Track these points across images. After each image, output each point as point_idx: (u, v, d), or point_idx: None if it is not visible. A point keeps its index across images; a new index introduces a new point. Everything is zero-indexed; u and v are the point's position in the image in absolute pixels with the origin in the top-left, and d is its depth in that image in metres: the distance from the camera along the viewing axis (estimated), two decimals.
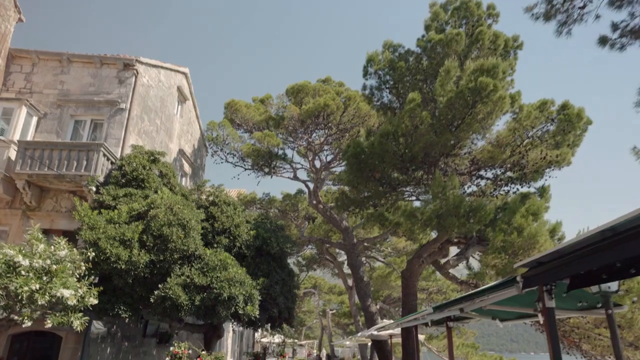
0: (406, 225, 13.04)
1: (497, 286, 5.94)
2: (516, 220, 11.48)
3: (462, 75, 12.95)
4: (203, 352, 8.33)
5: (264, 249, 12.42)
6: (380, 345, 21.56)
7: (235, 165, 20.85)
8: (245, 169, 21.16)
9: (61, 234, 11.84)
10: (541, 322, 14.29)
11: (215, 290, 10.14)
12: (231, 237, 12.21)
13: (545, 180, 13.76)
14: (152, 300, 10.13)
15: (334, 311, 61.59)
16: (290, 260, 43.93)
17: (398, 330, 18.88)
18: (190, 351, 7.95)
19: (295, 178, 24.59)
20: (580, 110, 12.10)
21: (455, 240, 17.05)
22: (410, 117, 12.59)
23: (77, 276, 9.26)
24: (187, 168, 19.96)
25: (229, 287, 10.12)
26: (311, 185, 24.23)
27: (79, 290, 8.85)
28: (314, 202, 23.71)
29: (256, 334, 40.68)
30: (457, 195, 12.16)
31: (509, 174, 13.85)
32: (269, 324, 16.56)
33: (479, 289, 6.26)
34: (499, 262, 12.21)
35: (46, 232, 11.71)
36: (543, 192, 13.25)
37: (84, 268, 9.21)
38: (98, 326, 12.90)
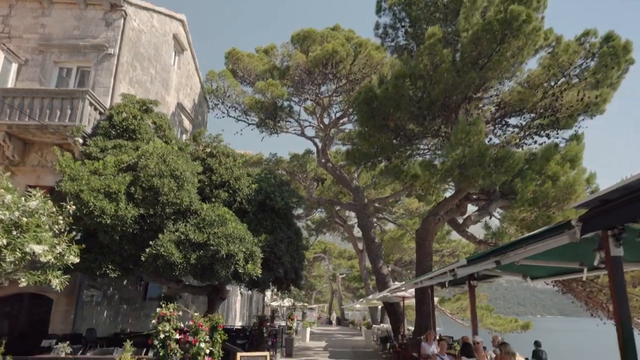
0: (424, 178, 11.80)
1: (545, 233, 4.74)
2: (550, 167, 10.18)
3: (489, 7, 11.39)
4: (196, 315, 7.31)
5: (267, 204, 11.30)
6: (392, 308, 20.74)
7: (238, 120, 19.59)
8: (249, 124, 19.90)
9: (48, 192, 10.79)
10: (584, 278, 13.22)
11: (212, 247, 9.09)
12: (231, 191, 11.09)
13: (576, 130, 12.35)
14: (142, 258, 9.12)
15: (344, 275, 61.43)
16: (300, 224, 43.24)
17: (411, 292, 17.97)
18: (180, 313, 6.93)
19: (303, 135, 23.32)
20: (627, 43, 10.54)
21: (475, 196, 15.82)
22: (429, 54, 11.13)
23: (57, 231, 8.21)
24: (187, 124, 18.73)
25: (227, 244, 9.06)
26: (319, 144, 22.96)
27: (57, 247, 7.80)
28: (323, 160, 22.49)
29: (266, 298, 40.35)
30: (482, 142, 10.84)
31: (538, 121, 12.44)
32: (275, 286, 15.70)
33: (521, 237, 5.08)
34: (528, 216, 11.00)
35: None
36: (577, 140, 11.86)
37: (62, 222, 8.14)
38: (92, 289, 12.06)
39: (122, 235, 9.19)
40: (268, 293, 40.55)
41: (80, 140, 11.42)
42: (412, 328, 22.96)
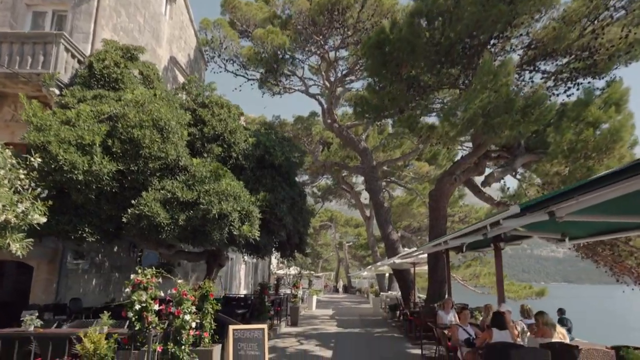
0: (442, 129, 10.47)
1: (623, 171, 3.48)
2: (591, 113, 8.80)
3: None
4: (180, 282, 6.20)
5: (266, 160, 10.07)
6: (401, 275, 19.76)
7: (236, 75, 18.16)
8: (248, 79, 18.45)
9: (25, 150, 9.61)
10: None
11: (202, 206, 7.92)
12: (225, 146, 9.85)
13: (612, 77, 10.86)
14: (124, 220, 7.99)
15: (351, 244, 60.83)
16: (307, 190, 42.21)
17: (423, 258, 16.91)
18: (160, 280, 5.82)
19: (307, 93, 21.87)
20: None
21: (495, 154, 14.51)
22: None
23: (20, 188, 7.05)
24: (181, 81, 17.34)
25: (219, 203, 7.89)
26: (325, 104, 21.53)
27: (19, 205, 6.65)
28: (329, 121, 21.11)
29: (272, 266, 39.75)
30: (510, 86, 9.45)
31: (572, 65, 10.95)
32: (279, 252, 14.69)
33: (594, 178, 3.82)
34: (561, 170, 9.72)
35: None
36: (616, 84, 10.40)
37: (23, 177, 6.96)
38: (77, 256, 11.04)
39: (99, 193, 8.03)
40: (274, 261, 39.95)
41: (56, 91, 10.14)
42: (423, 296, 22.09)
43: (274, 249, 14.64)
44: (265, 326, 6.51)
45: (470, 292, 23.12)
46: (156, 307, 5.55)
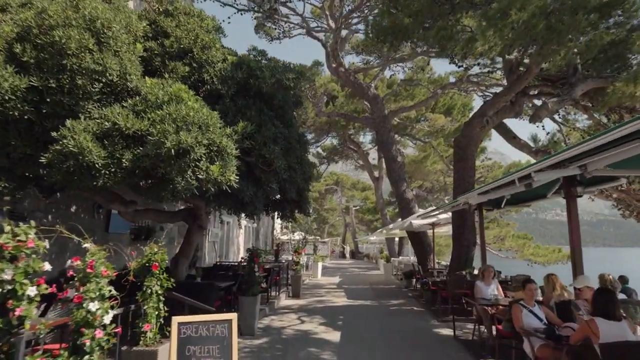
0: (484, 41, 7.78)
1: None
2: None
3: None
4: (88, 245, 3.77)
5: (251, 86, 7.51)
6: (417, 238, 17.46)
7: (224, 4, 15.32)
8: (238, 10, 15.63)
9: None
10: None
11: (153, 137, 5.46)
12: (194, 65, 7.30)
13: None
14: (44, 159, 5.56)
15: (357, 208, 58.66)
16: (311, 151, 39.72)
17: (445, 218, 14.55)
18: (46, 245, 3.43)
19: (310, 34, 19.05)
20: None
21: (533, 92, 11.87)
22: None
23: None
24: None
25: (176, 132, 5.43)
26: (329, 47, 18.71)
27: None
28: (334, 65, 18.36)
29: (275, 231, 37.73)
30: None
31: None
32: (276, 212, 12.37)
33: None
34: None
35: None
36: None
37: None
38: (12, 217, 8.68)
39: (3, 122, 5.57)
40: (277, 226, 37.87)
41: None
42: (443, 261, 19.81)
43: (268, 207, 12.30)
44: (233, 316, 4.13)
45: (494, 257, 20.83)
46: (33, 290, 3.14)
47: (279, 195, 9.84)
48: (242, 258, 18.02)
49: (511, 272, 13.80)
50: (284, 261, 18.13)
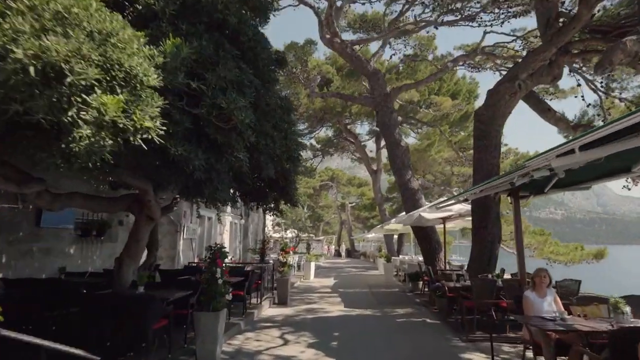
0: None
1: None
2: None
3: None
4: None
5: (201, 6, 5.11)
6: (424, 234, 15.10)
7: None
8: None
9: None
10: None
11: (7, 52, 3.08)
12: None
13: None
14: None
15: (353, 204, 56.32)
16: (305, 142, 37.28)
17: (459, 210, 12.24)
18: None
19: (301, 0, 16.65)
20: None
21: (579, 49, 9.53)
22: None
23: None
24: None
25: (37, 35, 3.05)
26: (322, 16, 16.33)
27: None
28: (328, 36, 15.96)
29: (266, 228, 35.30)
30: None
31: None
32: (253, 202, 10.09)
33: None
34: None
35: None
36: None
37: None
38: None
39: None
40: (269, 223, 35.44)
41: None
42: (456, 261, 17.40)
43: (245, 196, 10.03)
44: None
45: (508, 255, 18.47)
46: None
47: (265, 183, 7.48)
48: (198, 259, 15.70)
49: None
50: (272, 261, 15.77)
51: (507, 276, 10.19)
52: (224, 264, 6.71)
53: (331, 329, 8.84)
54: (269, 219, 35.24)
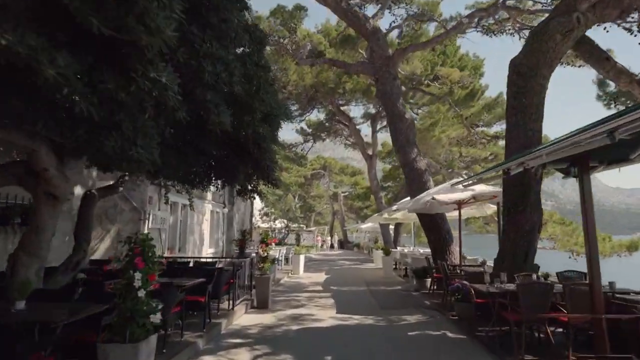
0: None
1: None
2: None
3: None
4: None
5: None
6: (432, 223, 12.78)
7: None
8: None
9: None
10: None
11: None
12: None
13: None
14: None
15: (346, 194, 53.95)
16: (292, 126, 34.59)
17: (481, 192, 9.93)
18: None
19: None
20: None
21: None
22: None
23: None
24: None
25: None
26: None
27: None
28: None
29: (254, 218, 32.84)
30: None
31: None
32: (220, 180, 7.78)
33: None
34: None
35: None
36: None
37: None
38: None
39: None
40: (257, 213, 32.95)
41: None
42: (472, 255, 15.09)
43: (210, 172, 7.69)
44: None
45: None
46: None
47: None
48: (169, 252, 13.40)
49: (553, 267, 9.28)
50: (250, 256, 13.38)
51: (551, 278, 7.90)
52: (153, 264, 4.27)
53: (322, 347, 6.48)
54: (257, 207, 32.82)
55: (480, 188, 9.78)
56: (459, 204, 11.00)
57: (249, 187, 8.87)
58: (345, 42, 18.01)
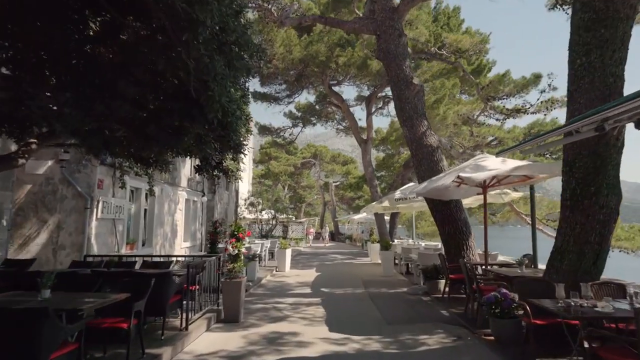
0: None
1: None
2: None
3: None
4: None
5: None
6: (446, 212, 10.43)
7: None
8: None
9: None
10: None
11: None
12: None
13: None
14: None
15: (338, 183, 51.55)
16: (279, 108, 32.06)
17: (515, 167, 7.49)
18: None
19: None
20: None
21: None
22: None
23: None
24: None
25: None
26: None
27: None
28: None
29: (239, 208, 30.33)
30: None
31: None
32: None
33: None
34: None
35: None
36: None
37: None
38: None
39: None
40: (242, 202, 30.38)
41: None
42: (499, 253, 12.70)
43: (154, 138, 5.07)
44: None
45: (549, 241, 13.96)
46: None
47: None
48: (129, 247, 11.05)
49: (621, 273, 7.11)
50: (224, 253, 10.92)
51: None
52: None
53: None
54: (242, 197, 30.30)
55: (512, 164, 7.41)
56: (484, 187, 8.62)
57: (212, 161, 6.45)
58: (339, 2, 15.48)
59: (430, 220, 39.36)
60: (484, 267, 8.72)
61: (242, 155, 6.35)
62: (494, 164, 7.41)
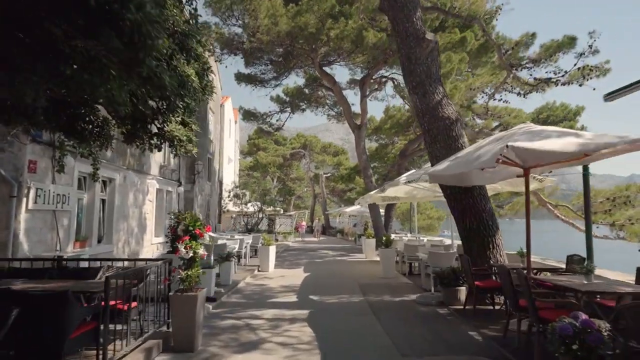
0: None
1: None
2: None
3: None
4: None
5: None
6: (468, 202, 8.29)
7: None
8: None
9: None
10: None
11: None
12: None
13: None
14: None
15: (329, 175, 49.36)
16: (265, 92, 29.68)
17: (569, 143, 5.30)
18: None
19: None
20: None
21: None
22: None
23: None
24: None
25: None
26: None
27: None
28: None
29: (223, 201, 28.06)
30: None
31: None
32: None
33: None
34: None
35: None
36: None
37: None
38: None
39: None
40: (226, 194, 28.05)
41: None
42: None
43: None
44: None
45: (570, 232, 11.90)
46: None
47: None
48: (79, 245, 8.63)
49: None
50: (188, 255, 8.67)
51: None
52: None
53: None
54: (226, 189, 28.00)
55: (587, 135, 5.26)
56: (526, 170, 6.45)
57: (149, 126, 4.22)
58: None
59: (426, 213, 37.31)
60: (525, 271, 6.60)
61: (193, 118, 4.15)
62: (553, 133, 5.26)
